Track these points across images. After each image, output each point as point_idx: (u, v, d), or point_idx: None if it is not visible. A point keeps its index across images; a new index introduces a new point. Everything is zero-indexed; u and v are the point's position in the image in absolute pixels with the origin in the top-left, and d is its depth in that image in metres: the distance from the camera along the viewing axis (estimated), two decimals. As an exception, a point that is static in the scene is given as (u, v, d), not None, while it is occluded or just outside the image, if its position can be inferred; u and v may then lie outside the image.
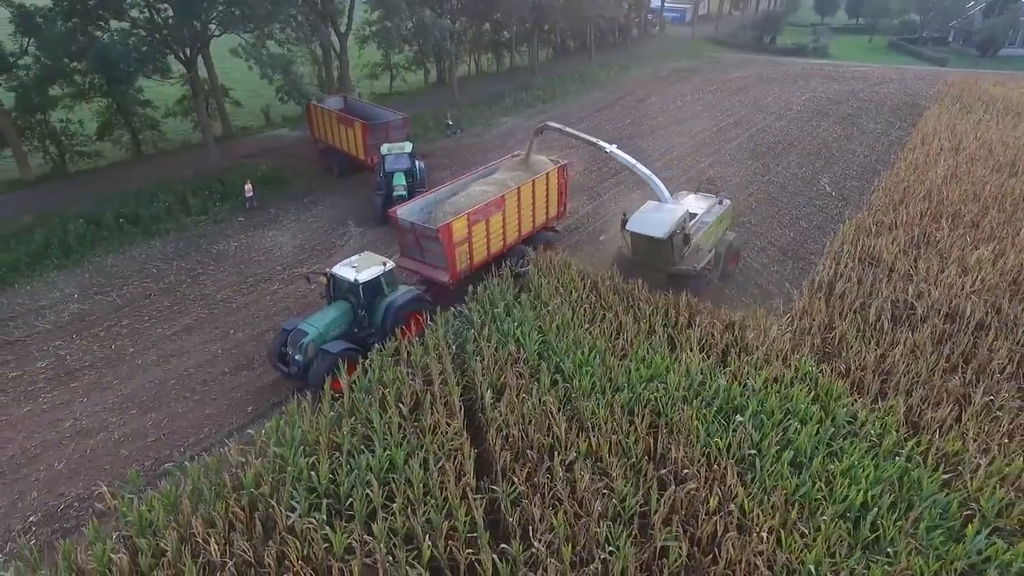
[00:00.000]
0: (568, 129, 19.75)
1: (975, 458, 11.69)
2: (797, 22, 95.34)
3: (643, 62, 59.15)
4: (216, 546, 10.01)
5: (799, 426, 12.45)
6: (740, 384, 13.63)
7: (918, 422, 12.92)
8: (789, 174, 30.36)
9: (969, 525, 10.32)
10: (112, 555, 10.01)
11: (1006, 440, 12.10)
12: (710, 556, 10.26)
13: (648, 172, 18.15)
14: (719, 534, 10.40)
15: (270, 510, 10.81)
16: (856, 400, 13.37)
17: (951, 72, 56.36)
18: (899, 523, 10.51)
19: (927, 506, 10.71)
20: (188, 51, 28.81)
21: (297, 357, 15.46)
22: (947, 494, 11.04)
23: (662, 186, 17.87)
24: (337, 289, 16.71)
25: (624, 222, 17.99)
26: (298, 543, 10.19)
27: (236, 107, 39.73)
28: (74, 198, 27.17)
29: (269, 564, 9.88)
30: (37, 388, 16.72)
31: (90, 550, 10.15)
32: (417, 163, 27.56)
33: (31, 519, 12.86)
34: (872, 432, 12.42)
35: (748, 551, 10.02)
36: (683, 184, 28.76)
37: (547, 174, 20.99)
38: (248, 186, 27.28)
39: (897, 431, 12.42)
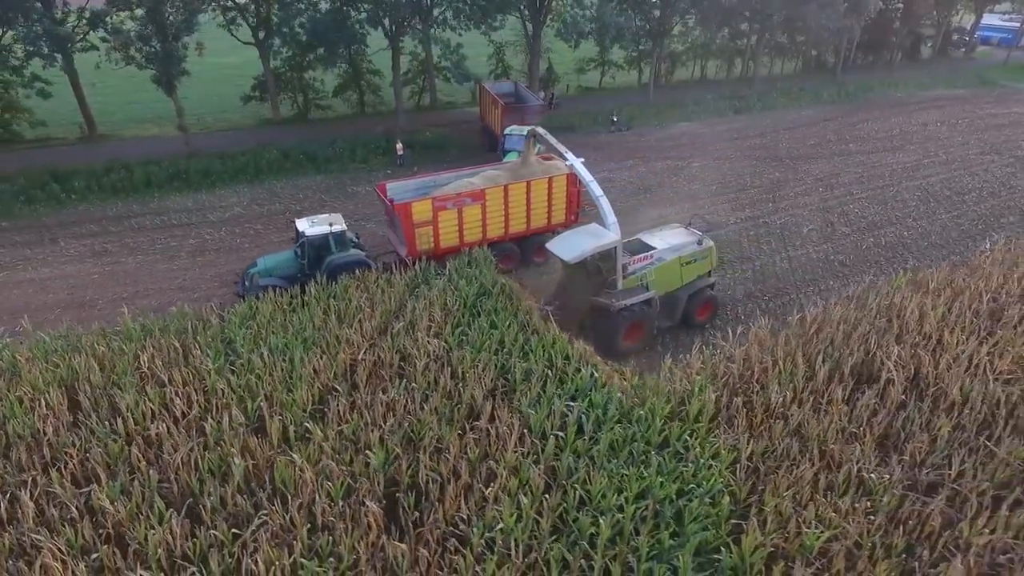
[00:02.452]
0: (548, 137, 19.35)
1: (777, 521, 10.48)
2: None
3: (898, 85, 51.37)
4: (148, 358, 14.40)
5: (636, 430, 12.43)
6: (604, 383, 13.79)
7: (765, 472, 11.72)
8: (951, 224, 25.39)
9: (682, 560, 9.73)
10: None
11: (844, 522, 10.39)
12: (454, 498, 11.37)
13: (599, 192, 17.27)
14: (459, 479, 11.42)
15: (195, 348, 14.89)
16: (709, 432, 12.55)
17: None
18: (620, 534, 10.34)
19: (660, 537, 10.26)
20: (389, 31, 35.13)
21: (246, 283, 19.25)
22: (697, 535, 10.30)
23: (609, 211, 16.74)
24: (299, 237, 19.72)
25: None
26: (193, 373, 14.06)
27: (446, 83, 45.92)
28: (290, 136, 35.46)
29: (168, 379, 13.90)
30: (179, 255, 23.68)
31: (96, 339, 15.42)
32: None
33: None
34: (698, 459, 11.78)
35: (471, 499, 10.98)
36: (813, 215, 26.44)
37: (549, 179, 21.22)
38: (399, 146, 32.58)
39: (720, 471, 11.54)
